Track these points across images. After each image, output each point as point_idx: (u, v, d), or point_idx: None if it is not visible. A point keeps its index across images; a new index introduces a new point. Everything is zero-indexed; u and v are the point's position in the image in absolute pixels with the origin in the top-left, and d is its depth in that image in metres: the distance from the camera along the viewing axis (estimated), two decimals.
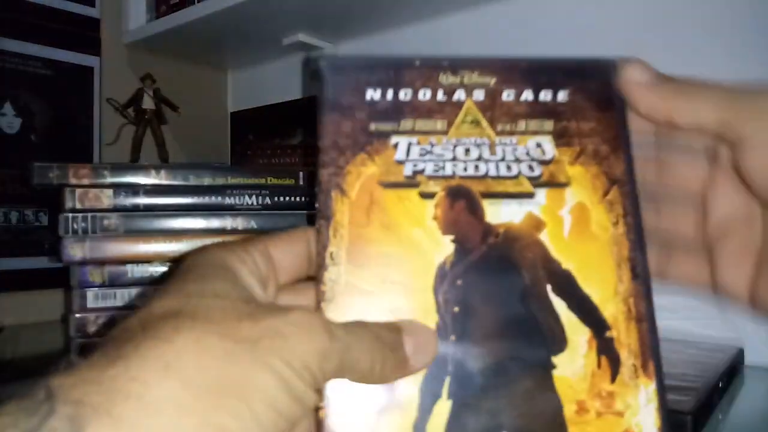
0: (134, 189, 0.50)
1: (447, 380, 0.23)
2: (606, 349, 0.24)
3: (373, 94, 0.27)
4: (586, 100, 0.28)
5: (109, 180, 0.50)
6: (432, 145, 0.26)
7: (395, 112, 0.27)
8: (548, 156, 0.27)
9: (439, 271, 0.24)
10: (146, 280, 0.50)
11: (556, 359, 0.24)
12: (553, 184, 0.26)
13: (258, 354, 0.17)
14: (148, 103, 0.94)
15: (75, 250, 0.49)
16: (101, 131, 0.91)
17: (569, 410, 0.23)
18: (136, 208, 0.50)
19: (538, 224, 0.26)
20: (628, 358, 0.24)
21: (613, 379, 0.24)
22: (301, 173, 0.58)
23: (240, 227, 0.53)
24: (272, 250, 0.22)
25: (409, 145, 0.26)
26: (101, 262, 0.49)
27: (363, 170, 0.26)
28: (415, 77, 0.27)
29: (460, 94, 0.27)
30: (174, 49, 0.97)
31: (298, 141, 0.98)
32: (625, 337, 0.24)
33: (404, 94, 0.27)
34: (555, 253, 0.25)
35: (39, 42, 0.84)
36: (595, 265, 0.25)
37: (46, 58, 0.85)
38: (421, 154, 0.26)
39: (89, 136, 0.89)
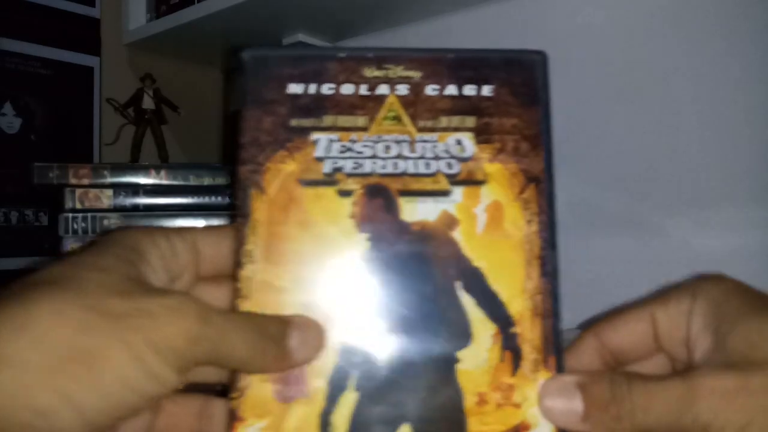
0: (134, 189, 0.50)
1: (354, 373, 0.24)
2: (510, 344, 0.25)
3: (295, 88, 0.26)
4: (510, 96, 0.27)
5: (109, 180, 0.50)
6: (352, 142, 0.26)
7: (317, 107, 0.26)
8: (467, 153, 0.27)
9: (354, 269, 0.25)
10: None
11: (460, 353, 0.25)
12: (470, 182, 0.26)
13: (117, 329, 0.18)
14: (148, 103, 0.94)
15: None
16: (101, 131, 0.91)
17: (470, 401, 0.24)
18: (136, 208, 0.50)
19: (451, 222, 0.26)
20: (530, 352, 0.25)
21: (514, 373, 0.25)
22: None
23: None
24: (199, 242, 0.23)
25: (330, 141, 0.26)
26: None
27: (282, 167, 0.26)
28: (339, 71, 0.27)
29: (383, 89, 0.27)
30: (174, 49, 0.97)
31: None
32: (529, 333, 0.25)
33: (327, 89, 0.27)
34: (467, 250, 0.26)
35: (39, 42, 0.84)
36: (506, 263, 0.26)
37: (46, 58, 0.85)
38: (341, 152, 0.26)
39: (89, 136, 0.89)
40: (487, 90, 0.27)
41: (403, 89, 0.27)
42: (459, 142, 0.27)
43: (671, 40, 0.61)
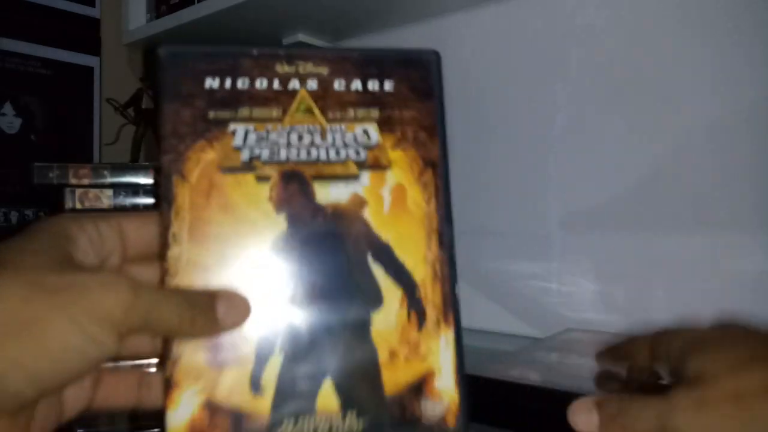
0: (134, 189, 0.50)
1: (279, 338, 0.27)
2: (415, 305, 0.29)
3: (211, 82, 0.29)
4: (409, 90, 0.31)
5: (109, 180, 0.50)
6: (268, 132, 0.29)
7: (233, 100, 0.29)
8: (373, 142, 0.30)
9: (274, 246, 0.28)
10: None
11: (373, 316, 0.28)
12: (376, 166, 0.30)
13: (57, 301, 0.20)
14: (148, 103, 0.94)
15: None
16: (101, 131, 0.91)
17: (383, 357, 0.28)
18: (136, 208, 0.50)
19: (361, 203, 0.29)
20: (432, 311, 0.29)
21: (419, 330, 0.28)
22: None
23: None
24: (125, 226, 0.25)
25: (246, 132, 0.29)
26: None
27: (202, 156, 0.28)
28: (252, 67, 0.29)
29: (294, 84, 0.30)
30: None
31: None
32: (431, 295, 0.29)
33: (242, 83, 0.29)
34: (375, 227, 0.29)
35: (39, 42, 0.84)
36: (410, 237, 0.29)
37: (46, 58, 0.85)
38: (258, 141, 0.29)
39: (89, 136, 0.89)
40: (388, 85, 0.31)
41: (312, 84, 0.30)
42: (365, 132, 0.30)
43: (671, 39, 0.61)
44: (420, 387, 0.29)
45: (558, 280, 0.66)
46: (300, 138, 0.29)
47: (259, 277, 0.27)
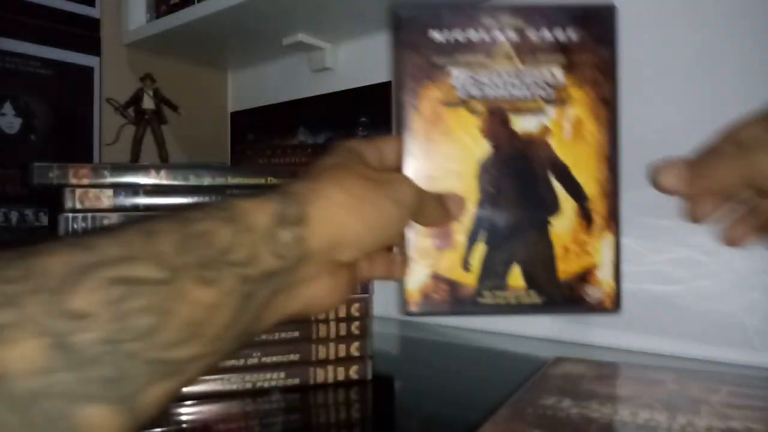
0: (134, 189, 0.50)
1: (483, 231, 0.36)
2: (585, 213, 0.36)
3: (435, 34, 0.37)
4: (589, 38, 0.37)
5: (109, 180, 0.50)
6: (478, 74, 0.37)
7: (451, 48, 0.37)
8: (558, 82, 0.37)
9: (481, 164, 0.36)
10: None
11: (552, 219, 0.36)
12: (560, 102, 0.37)
13: (377, 188, 0.29)
14: (148, 103, 0.94)
15: None
16: (101, 131, 0.91)
17: (558, 251, 0.36)
18: (136, 209, 0.50)
19: (547, 132, 0.37)
20: (598, 219, 0.36)
21: (587, 232, 0.36)
22: (301, 173, 0.58)
23: None
24: (382, 146, 0.34)
25: (461, 74, 0.37)
26: None
27: (429, 93, 0.37)
28: (465, 20, 0.37)
29: (497, 34, 0.37)
30: (174, 49, 0.97)
31: (298, 141, 0.98)
32: (598, 207, 0.36)
33: (457, 35, 0.37)
34: (557, 151, 0.37)
35: (39, 42, 0.84)
36: (584, 160, 0.37)
37: (46, 58, 0.85)
38: (471, 82, 0.37)
39: (89, 136, 0.89)
40: (572, 34, 0.37)
41: (511, 34, 0.37)
42: (552, 74, 0.37)
43: (672, 38, 0.61)
44: (585, 276, 0.37)
45: None
46: (502, 79, 0.37)
47: (470, 185, 0.36)
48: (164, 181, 0.52)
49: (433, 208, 0.33)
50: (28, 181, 0.49)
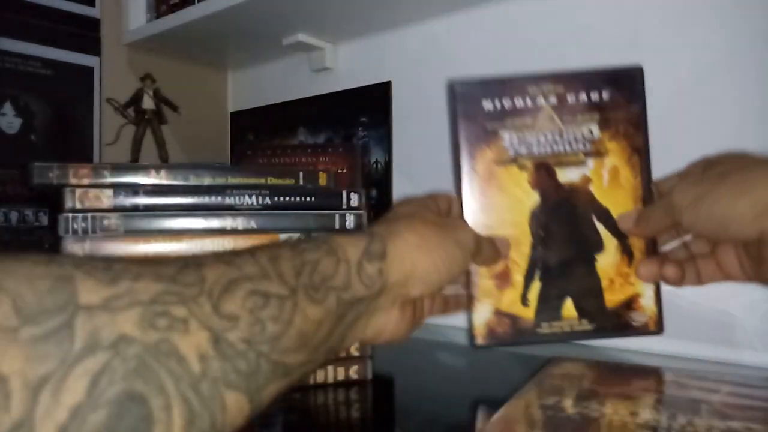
0: (134, 189, 0.50)
1: (537, 271, 0.41)
2: (626, 249, 0.41)
3: (487, 104, 0.43)
4: (620, 97, 0.42)
5: (109, 180, 0.50)
6: (525, 135, 0.42)
7: (501, 115, 0.42)
8: (595, 137, 0.42)
9: (532, 212, 0.42)
10: None
11: (597, 256, 0.41)
12: (598, 154, 0.42)
13: (443, 232, 0.34)
14: (148, 103, 0.94)
15: (75, 251, 0.49)
16: (101, 131, 0.91)
17: (604, 283, 0.41)
18: (136, 208, 0.50)
19: (587, 181, 0.42)
20: (638, 254, 0.41)
21: (629, 266, 0.41)
22: (301, 173, 0.58)
23: (240, 227, 0.53)
24: (440, 199, 0.39)
25: (511, 136, 0.42)
26: None
27: (484, 155, 0.42)
28: (512, 90, 0.43)
29: (540, 100, 0.42)
30: (174, 49, 0.97)
31: (298, 141, 0.98)
32: (637, 243, 0.41)
33: (505, 103, 0.43)
34: (598, 197, 0.42)
35: (39, 42, 0.84)
36: (622, 203, 0.42)
37: (46, 58, 0.85)
38: (519, 142, 0.42)
39: (89, 136, 0.89)
40: (606, 95, 0.42)
41: (552, 99, 0.42)
42: (590, 130, 0.42)
43: (673, 37, 0.61)
44: (630, 304, 0.41)
45: None
46: (545, 138, 0.42)
47: (523, 231, 0.41)
48: (164, 181, 0.52)
49: (488, 250, 0.38)
50: (28, 181, 0.49)
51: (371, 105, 0.87)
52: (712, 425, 0.34)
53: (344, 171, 0.82)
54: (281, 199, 0.55)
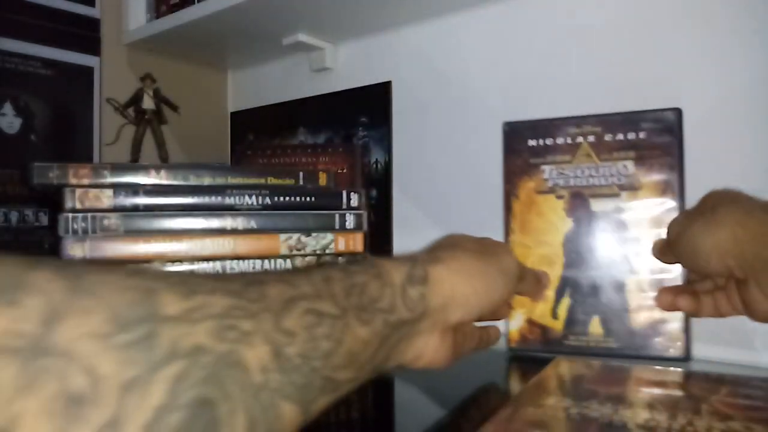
0: (134, 189, 0.50)
1: (568, 287, 0.46)
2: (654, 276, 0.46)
3: (531, 141, 0.50)
4: (656, 136, 0.46)
5: (109, 180, 0.50)
6: (563, 169, 0.49)
7: (543, 151, 0.49)
8: (630, 172, 0.47)
9: (565, 236, 0.47)
10: None
11: (626, 281, 0.46)
12: (631, 188, 0.47)
13: (488, 259, 0.36)
14: (148, 103, 0.94)
15: (75, 251, 0.49)
16: (101, 131, 0.91)
17: (632, 305, 0.45)
18: (136, 208, 0.50)
19: (620, 210, 0.47)
20: (665, 282, 0.44)
21: (656, 293, 0.46)
22: (301, 173, 0.58)
23: (240, 227, 0.53)
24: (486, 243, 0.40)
25: (551, 169, 0.49)
26: None
27: (526, 185, 0.49)
28: (554, 130, 0.50)
29: (579, 139, 0.48)
30: (174, 49, 0.97)
31: (298, 141, 0.97)
32: (665, 272, 0.46)
33: (548, 141, 0.49)
34: (630, 226, 0.46)
35: (39, 42, 0.84)
36: (653, 234, 0.45)
37: (46, 58, 0.85)
38: (557, 174, 0.48)
39: (89, 136, 0.89)
40: (642, 134, 0.47)
41: (591, 138, 0.47)
42: (624, 166, 0.47)
43: (673, 36, 0.61)
44: (655, 328, 0.45)
45: None
46: (582, 172, 0.48)
47: (557, 252, 0.48)
48: (164, 181, 0.52)
49: (531, 281, 0.39)
50: (28, 181, 0.49)
51: (371, 105, 0.87)
52: (712, 425, 0.34)
53: (344, 171, 0.82)
54: (281, 199, 0.55)
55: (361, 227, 0.58)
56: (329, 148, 0.87)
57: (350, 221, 0.57)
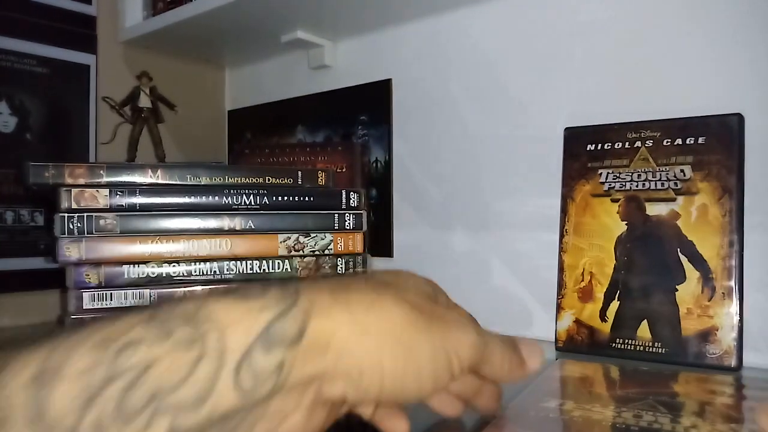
0: (130, 188, 0.49)
1: (618, 291, 0.46)
2: (708, 284, 0.45)
3: (590, 146, 0.51)
4: (716, 142, 0.46)
5: (105, 179, 0.50)
6: (620, 173, 0.49)
7: (601, 155, 0.50)
8: (687, 177, 0.46)
9: (618, 239, 0.47)
10: (143, 281, 0.50)
11: (678, 286, 0.45)
12: (688, 193, 0.46)
13: (427, 329, 0.24)
14: (144, 101, 0.94)
15: (71, 251, 0.48)
16: (97, 130, 0.90)
17: (682, 312, 0.45)
18: (132, 208, 0.49)
19: (675, 216, 0.46)
20: (719, 289, 0.45)
21: (710, 300, 0.45)
22: (299, 172, 0.58)
23: (237, 227, 0.52)
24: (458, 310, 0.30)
25: (608, 173, 0.49)
26: (97, 263, 0.49)
27: (582, 188, 0.49)
28: (613, 135, 0.50)
29: (638, 143, 0.48)
30: (171, 46, 0.96)
31: (296, 139, 0.97)
32: (719, 279, 0.45)
33: (606, 146, 0.50)
34: (684, 231, 0.46)
35: (34, 40, 0.83)
36: (709, 239, 0.45)
37: (42, 56, 0.84)
38: (613, 178, 0.49)
39: (85, 135, 0.89)
40: (701, 140, 0.46)
41: (649, 143, 0.48)
42: (682, 171, 0.47)
43: (674, 36, 0.61)
44: (706, 335, 0.44)
45: None
46: (639, 176, 0.48)
47: (609, 254, 0.48)
48: (161, 181, 0.51)
49: (502, 360, 0.27)
50: (23, 181, 0.48)
51: (371, 103, 0.87)
52: (715, 427, 0.34)
53: (343, 170, 0.81)
54: (279, 198, 0.54)
55: (360, 227, 0.58)
56: (328, 146, 0.86)
57: (350, 221, 0.57)
